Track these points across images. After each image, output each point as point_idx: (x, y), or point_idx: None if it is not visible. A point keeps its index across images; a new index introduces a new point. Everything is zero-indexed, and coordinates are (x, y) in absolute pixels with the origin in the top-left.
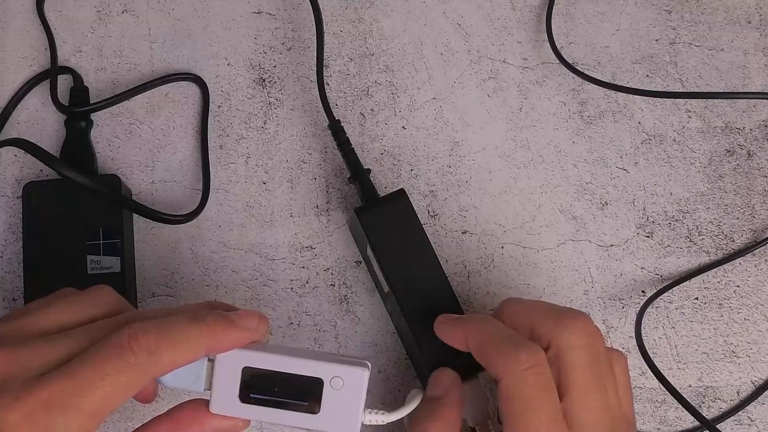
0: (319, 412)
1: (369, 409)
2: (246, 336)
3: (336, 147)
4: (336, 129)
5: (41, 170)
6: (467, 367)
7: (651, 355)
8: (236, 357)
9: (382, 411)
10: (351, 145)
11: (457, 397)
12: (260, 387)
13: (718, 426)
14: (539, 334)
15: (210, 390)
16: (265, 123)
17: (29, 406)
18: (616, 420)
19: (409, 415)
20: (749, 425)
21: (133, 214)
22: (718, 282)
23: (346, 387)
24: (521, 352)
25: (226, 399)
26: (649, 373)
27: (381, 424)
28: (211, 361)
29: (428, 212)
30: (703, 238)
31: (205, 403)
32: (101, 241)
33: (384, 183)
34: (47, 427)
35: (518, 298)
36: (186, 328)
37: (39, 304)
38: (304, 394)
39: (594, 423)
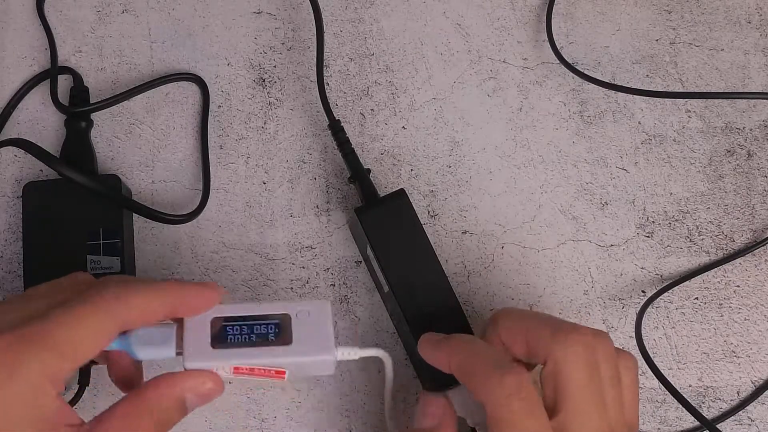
0: (292, 342)
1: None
2: (209, 294)
3: (336, 147)
4: (336, 129)
5: (41, 170)
6: None
7: (651, 355)
8: (203, 315)
9: (352, 346)
10: (351, 145)
11: (453, 429)
12: (231, 332)
13: (718, 426)
14: (535, 349)
15: (182, 352)
16: (265, 123)
17: (9, 338)
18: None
19: (468, 406)
20: (749, 425)
21: (133, 214)
22: (718, 282)
23: (313, 317)
24: (505, 377)
25: (198, 350)
26: (649, 373)
27: (354, 358)
28: (179, 327)
29: (428, 212)
30: (703, 238)
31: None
32: (101, 241)
33: (384, 183)
34: (19, 359)
35: (513, 309)
36: (150, 283)
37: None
38: (274, 330)
39: None
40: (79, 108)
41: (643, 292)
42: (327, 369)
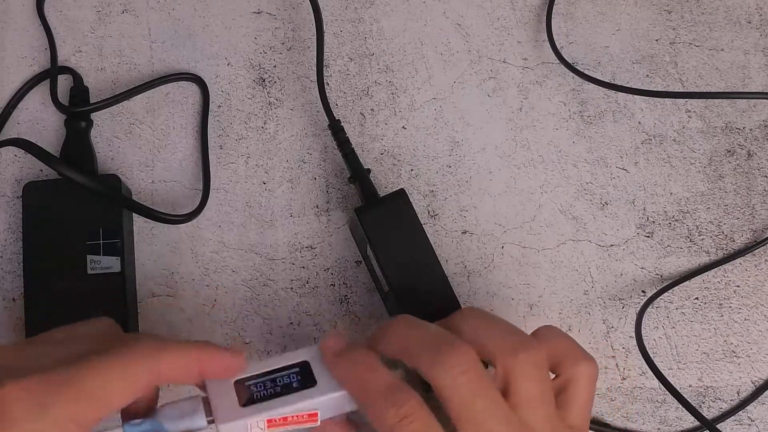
0: (317, 383)
1: None
2: (237, 358)
3: (336, 147)
4: (336, 129)
5: (41, 170)
6: None
7: (651, 355)
8: (225, 380)
9: None
10: (351, 145)
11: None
12: (256, 389)
13: (718, 426)
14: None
15: (212, 417)
16: (265, 123)
17: (37, 382)
18: None
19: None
20: (749, 425)
21: (133, 214)
22: (718, 282)
23: None
24: (448, 355)
25: (229, 411)
26: (649, 373)
27: None
28: (204, 397)
29: (428, 212)
30: (703, 238)
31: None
32: (101, 241)
33: (384, 183)
34: (51, 400)
35: (410, 322)
36: (182, 342)
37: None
38: (296, 378)
39: None
40: (79, 108)
41: (643, 292)
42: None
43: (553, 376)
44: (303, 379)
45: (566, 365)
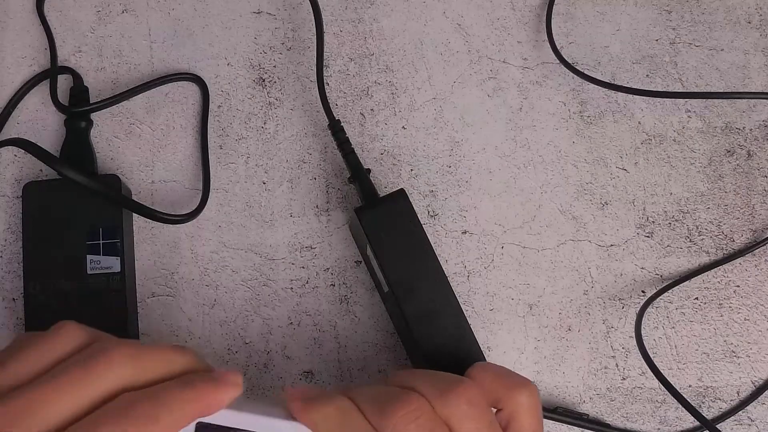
0: None
1: None
2: (233, 393)
3: (336, 147)
4: (336, 129)
5: (41, 170)
6: (467, 366)
7: (651, 355)
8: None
9: None
10: (351, 145)
11: None
12: None
13: (718, 426)
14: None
15: None
16: (265, 123)
17: None
18: None
19: None
20: (749, 425)
21: (133, 214)
22: (718, 282)
23: None
24: (397, 408)
25: None
26: (649, 373)
27: None
28: None
29: (428, 212)
30: (703, 238)
31: None
32: (101, 241)
33: (384, 183)
34: None
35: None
36: (178, 395)
37: (2, 357)
38: None
39: None
40: (79, 108)
41: (643, 292)
42: None
43: (496, 410)
44: None
45: (505, 397)
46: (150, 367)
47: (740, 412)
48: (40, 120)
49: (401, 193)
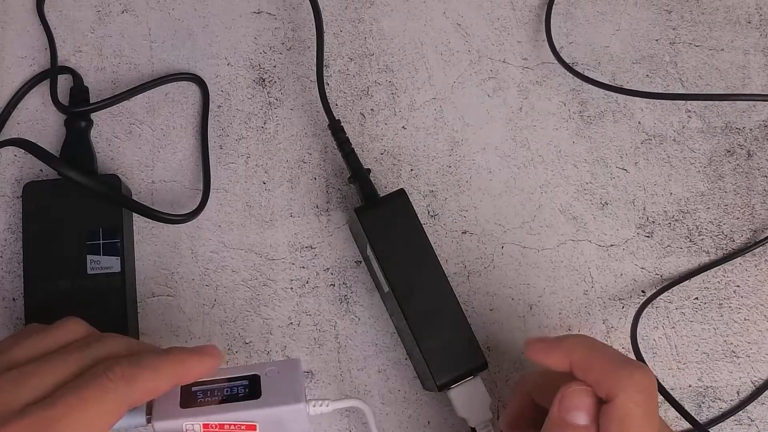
0: (261, 396)
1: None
2: (210, 362)
3: (336, 147)
4: (336, 129)
5: (41, 170)
6: (468, 366)
7: (652, 355)
8: None
9: (324, 401)
10: (351, 145)
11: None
12: (201, 394)
13: (718, 426)
14: (601, 383)
15: (150, 415)
16: (265, 123)
17: (17, 428)
18: None
19: (468, 406)
20: (749, 425)
21: (133, 214)
22: (718, 282)
23: (283, 373)
24: (636, 371)
25: (167, 411)
26: None
27: (327, 411)
28: None
29: (428, 212)
30: (703, 238)
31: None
32: (101, 241)
33: (384, 183)
34: None
35: (586, 338)
36: (155, 358)
37: (10, 342)
38: (243, 390)
39: None
40: (79, 108)
41: (642, 292)
42: (301, 423)
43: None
44: (249, 391)
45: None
46: (140, 348)
47: (740, 412)
48: (40, 120)
49: (401, 193)
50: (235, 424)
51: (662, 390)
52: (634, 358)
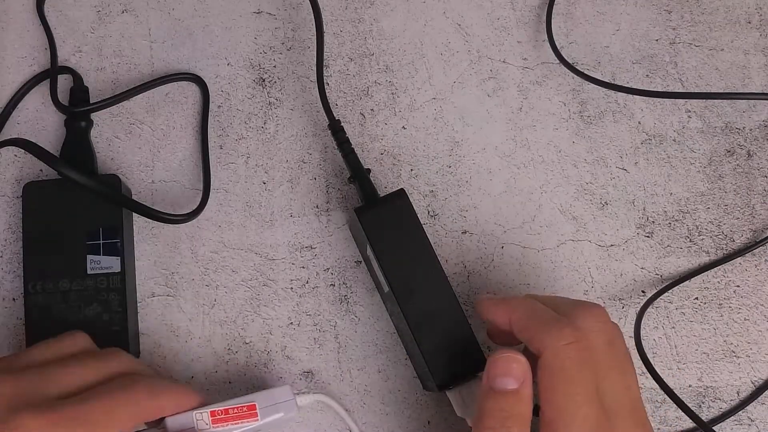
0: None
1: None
2: (200, 399)
3: (336, 147)
4: (336, 129)
5: (41, 170)
6: (468, 366)
7: (651, 355)
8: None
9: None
10: (351, 145)
11: (531, 393)
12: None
13: (718, 426)
14: (530, 340)
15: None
16: (265, 123)
17: (55, 417)
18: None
19: (468, 407)
20: (749, 425)
21: (133, 214)
22: (718, 282)
23: (277, 397)
24: (564, 327)
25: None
26: (648, 373)
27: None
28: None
29: (428, 212)
30: (703, 238)
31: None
32: (101, 241)
33: (384, 183)
34: None
35: (528, 299)
36: (172, 384)
37: (22, 352)
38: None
39: (619, 408)
40: (79, 108)
41: (643, 292)
42: (289, 407)
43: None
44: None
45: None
46: (143, 369)
47: (740, 412)
48: (40, 120)
49: (401, 193)
50: (237, 407)
51: (666, 389)
52: (635, 353)
